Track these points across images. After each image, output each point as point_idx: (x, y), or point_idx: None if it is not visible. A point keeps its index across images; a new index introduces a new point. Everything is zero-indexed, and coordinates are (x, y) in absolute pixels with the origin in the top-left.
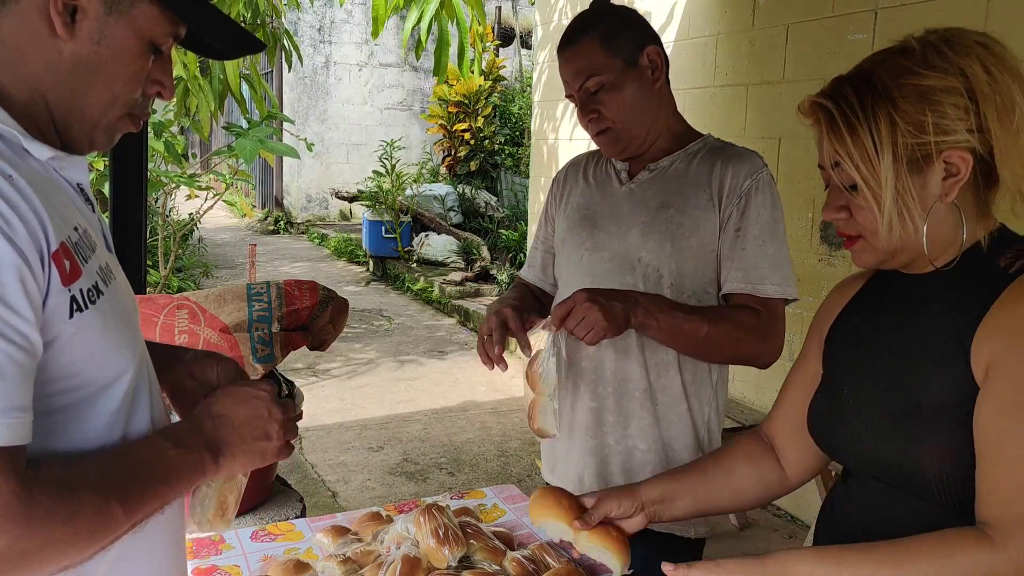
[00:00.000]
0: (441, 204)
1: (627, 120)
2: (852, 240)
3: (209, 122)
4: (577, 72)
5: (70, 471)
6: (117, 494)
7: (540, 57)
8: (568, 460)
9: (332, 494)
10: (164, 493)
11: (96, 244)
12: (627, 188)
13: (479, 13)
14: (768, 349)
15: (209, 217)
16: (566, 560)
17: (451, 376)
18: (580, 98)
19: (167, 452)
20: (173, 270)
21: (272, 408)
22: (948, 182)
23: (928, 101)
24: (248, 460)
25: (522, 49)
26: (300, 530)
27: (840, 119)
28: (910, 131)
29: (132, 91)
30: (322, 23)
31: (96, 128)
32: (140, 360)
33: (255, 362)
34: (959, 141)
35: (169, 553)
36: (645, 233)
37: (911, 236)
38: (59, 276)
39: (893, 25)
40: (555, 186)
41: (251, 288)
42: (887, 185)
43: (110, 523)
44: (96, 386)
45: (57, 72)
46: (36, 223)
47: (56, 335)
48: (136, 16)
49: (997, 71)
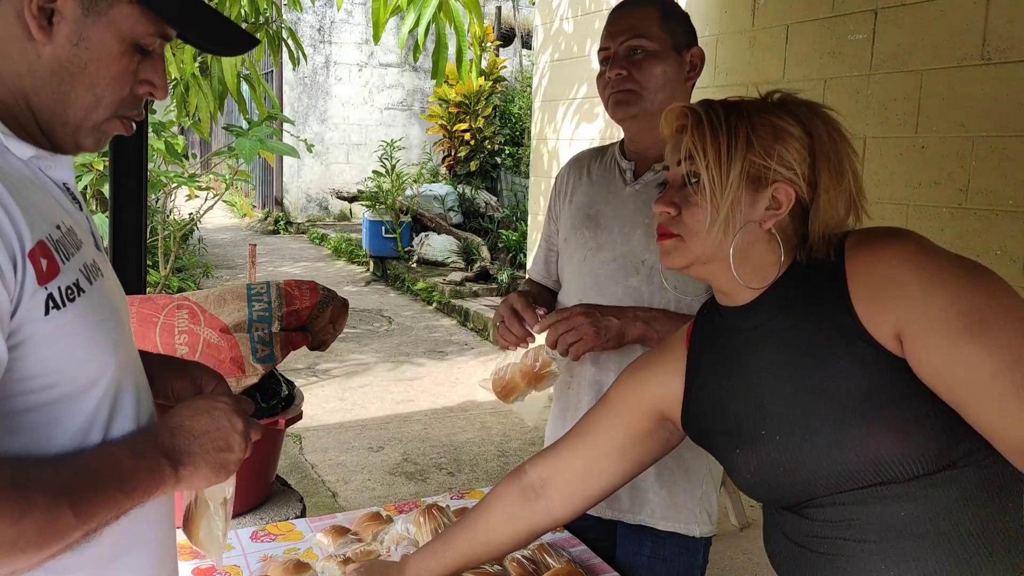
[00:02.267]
0: (441, 204)
1: (652, 90)
2: (668, 237)
3: (209, 122)
4: (627, 28)
5: (22, 472)
6: (68, 498)
7: (541, 58)
8: None
9: (332, 494)
10: (119, 500)
11: (82, 242)
12: (631, 188)
13: (477, 16)
14: None
15: (209, 217)
16: (566, 560)
17: (451, 376)
18: (617, 52)
19: (123, 460)
20: (173, 270)
21: (233, 419)
22: (768, 212)
23: (779, 137)
24: (210, 471)
25: (522, 49)
26: (300, 530)
27: (707, 121)
28: (760, 152)
29: (117, 92)
30: (322, 23)
31: (80, 130)
32: (124, 362)
33: (255, 362)
34: (792, 179)
35: (159, 562)
36: (649, 235)
37: (726, 246)
38: (35, 274)
39: (893, 25)
40: (558, 183)
41: (251, 288)
42: (730, 189)
43: (60, 527)
44: (73, 386)
45: (37, 75)
46: (9, 225)
47: (31, 334)
48: (115, 17)
49: (836, 135)
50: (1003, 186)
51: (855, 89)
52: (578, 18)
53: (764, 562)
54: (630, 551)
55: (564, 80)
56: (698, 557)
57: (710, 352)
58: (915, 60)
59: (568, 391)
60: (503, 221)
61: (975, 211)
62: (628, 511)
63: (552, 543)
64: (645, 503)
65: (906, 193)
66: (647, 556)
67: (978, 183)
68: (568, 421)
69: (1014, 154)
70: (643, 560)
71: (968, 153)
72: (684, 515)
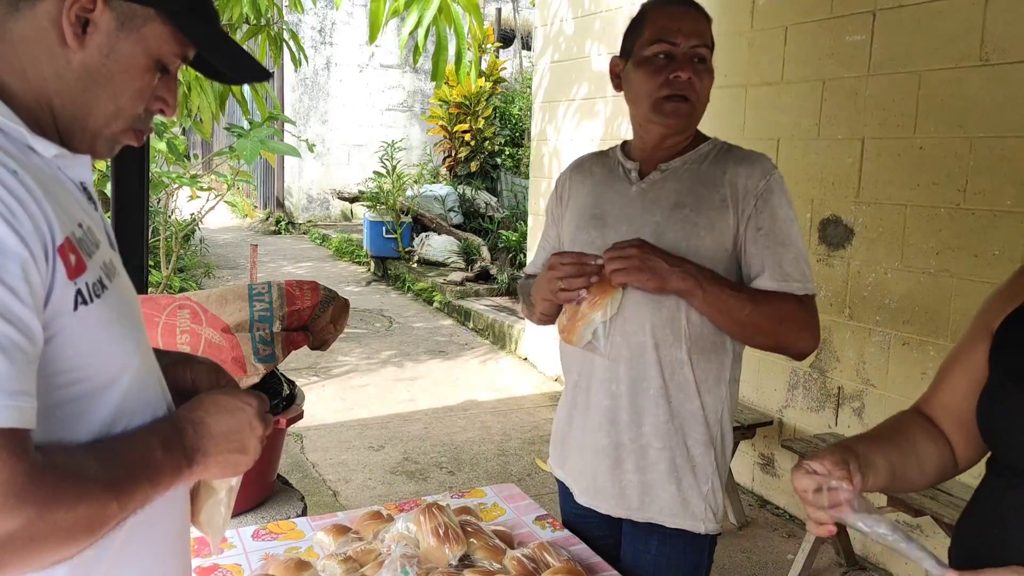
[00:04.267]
0: (441, 205)
1: (702, 103)
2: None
3: (211, 123)
4: (697, 33)
5: (75, 459)
6: (113, 487)
7: (541, 60)
8: (581, 458)
9: (333, 493)
10: (147, 492)
11: (99, 241)
12: (638, 188)
13: (477, 18)
14: (807, 337)
15: (211, 218)
16: (566, 559)
17: (452, 376)
18: (685, 53)
19: (155, 452)
20: (175, 270)
21: (254, 422)
22: None
23: None
24: (220, 470)
25: (523, 50)
26: (301, 529)
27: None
28: None
29: (136, 106)
30: (323, 24)
31: (98, 138)
32: (144, 356)
33: (256, 362)
34: None
35: (173, 549)
36: (659, 233)
37: None
38: (65, 269)
39: (891, 26)
40: (559, 187)
41: (252, 288)
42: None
43: (107, 515)
44: (101, 379)
45: (64, 80)
46: (41, 217)
47: (61, 328)
48: (147, 34)
49: None
50: (1001, 186)
51: (853, 90)
52: (578, 19)
53: (764, 561)
54: (636, 549)
55: (564, 81)
56: (704, 556)
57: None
58: (914, 61)
59: (577, 388)
60: (503, 221)
61: (973, 211)
62: (637, 509)
63: (552, 542)
64: (655, 500)
65: (904, 193)
66: (653, 554)
67: (976, 183)
68: (576, 420)
69: (1012, 154)
70: (649, 559)
71: (966, 154)
72: (691, 512)
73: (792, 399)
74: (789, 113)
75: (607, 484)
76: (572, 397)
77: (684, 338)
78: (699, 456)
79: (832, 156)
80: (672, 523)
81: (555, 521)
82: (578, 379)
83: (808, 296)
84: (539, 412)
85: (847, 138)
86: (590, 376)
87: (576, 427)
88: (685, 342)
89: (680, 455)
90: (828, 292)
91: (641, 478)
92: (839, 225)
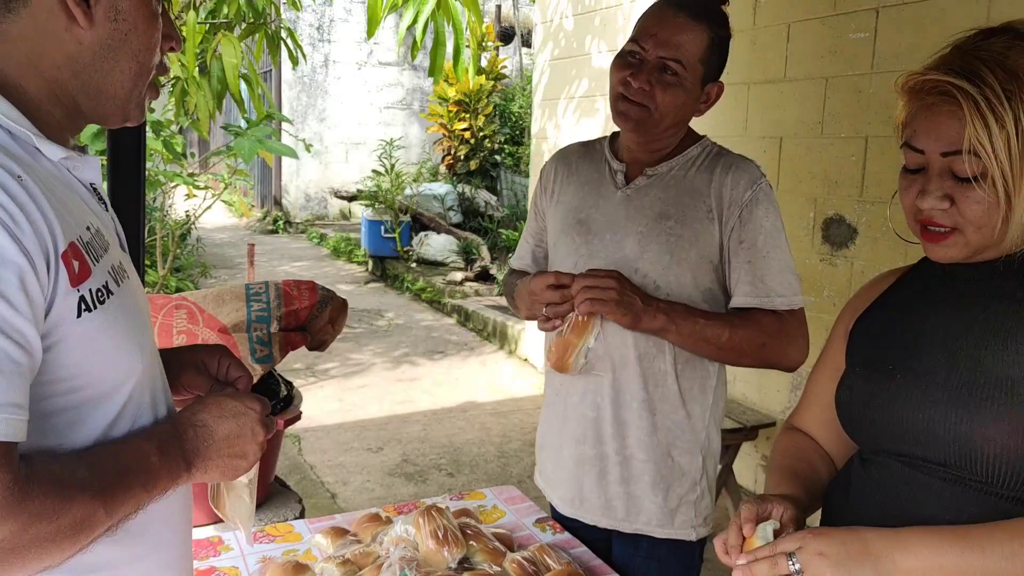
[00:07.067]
0: (440, 203)
1: (664, 116)
2: (945, 235)
3: (208, 121)
4: (672, 44)
5: (63, 468)
6: (101, 495)
7: (541, 56)
8: (565, 469)
9: (331, 495)
10: (141, 497)
11: (109, 243)
12: (623, 193)
13: (476, 14)
14: (794, 352)
15: (208, 217)
16: (566, 562)
17: (451, 376)
18: (648, 61)
19: (151, 458)
20: (171, 270)
21: (256, 427)
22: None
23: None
24: (218, 474)
25: (522, 47)
26: (299, 531)
27: (986, 106)
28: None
29: (154, 55)
30: (321, 22)
31: (129, 101)
32: (149, 362)
33: (254, 362)
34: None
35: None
36: (643, 244)
37: (1011, 231)
38: (67, 277)
39: (894, 24)
40: (543, 177)
41: (250, 288)
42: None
43: (93, 524)
44: (102, 387)
45: (80, 62)
46: (43, 224)
47: (63, 336)
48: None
49: None
50: None
51: (856, 88)
52: (578, 16)
53: None
54: (626, 552)
55: (564, 78)
56: (694, 558)
57: (918, 290)
58: (917, 59)
59: (558, 397)
60: (503, 220)
61: None
62: (624, 520)
63: (553, 544)
64: (641, 511)
65: None
66: (643, 557)
67: None
68: (560, 430)
69: None
70: (639, 561)
71: None
72: (679, 520)
73: (794, 400)
74: (792, 111)
75: (593, 495)
76: (554, 407)
77: (668, 349)
78: (686, 464)
79: (835, 154)
80: (661, 533)
81: (555, 524)
82: (559, 387)
83: (791, 311)
84: (539, 413)
85: (850, 136)
86: (571, 386)
87: (561, 437)
88: (669, 353)
89: (665, 466)
90: (831, 292)
91: (627, 489)
92: (842, 224)
